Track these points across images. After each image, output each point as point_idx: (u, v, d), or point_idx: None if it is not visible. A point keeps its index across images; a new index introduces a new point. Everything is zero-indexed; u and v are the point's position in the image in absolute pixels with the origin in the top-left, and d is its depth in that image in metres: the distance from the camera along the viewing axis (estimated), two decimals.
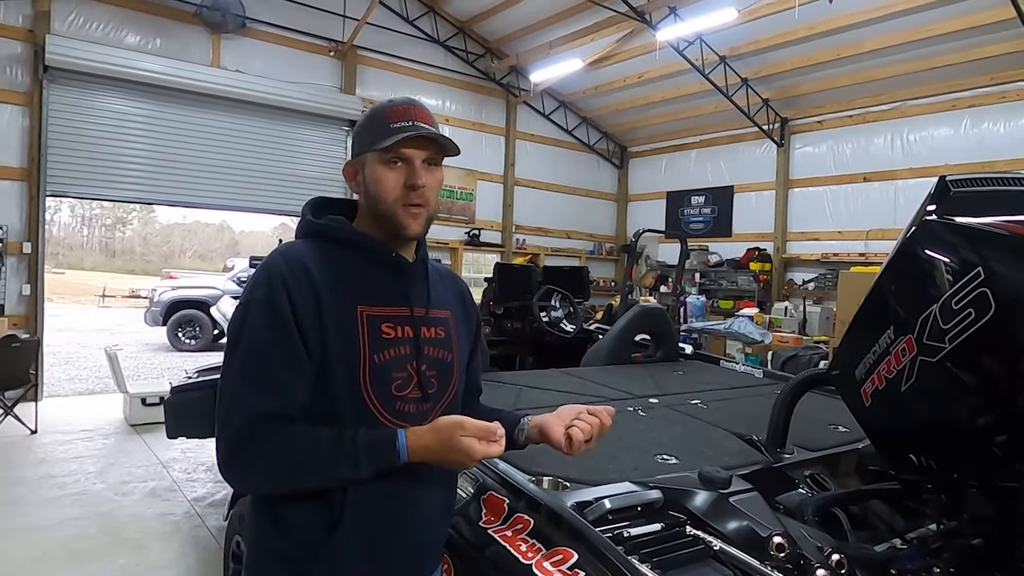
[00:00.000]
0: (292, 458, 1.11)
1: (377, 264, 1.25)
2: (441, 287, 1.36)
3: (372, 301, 1.20)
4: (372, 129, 1.23)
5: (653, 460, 1.95)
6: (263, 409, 1.10)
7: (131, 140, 7.50)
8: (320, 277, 1.17)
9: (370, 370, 1.16)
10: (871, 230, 8.38)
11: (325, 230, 1.26)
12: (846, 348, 1.58)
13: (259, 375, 1.12)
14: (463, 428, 1.11)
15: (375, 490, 1.15)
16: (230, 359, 1.15)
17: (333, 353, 1.14)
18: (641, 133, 11.60)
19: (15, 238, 6.85)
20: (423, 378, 1.23)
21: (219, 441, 1.12)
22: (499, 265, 5.42)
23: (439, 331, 1.29)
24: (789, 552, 1.34)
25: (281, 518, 1.18)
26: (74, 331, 13.75)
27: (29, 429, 5.61)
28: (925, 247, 1.33)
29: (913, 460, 1.48)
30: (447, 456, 1.12)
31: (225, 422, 1.11)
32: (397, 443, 1.12)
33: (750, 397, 3.00)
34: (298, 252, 1.21)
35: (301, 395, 1.13)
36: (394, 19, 9.37)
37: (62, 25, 7.10)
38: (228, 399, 1.12)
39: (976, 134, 7.58)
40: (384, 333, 1.19)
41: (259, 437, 1.09)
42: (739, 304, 9.57)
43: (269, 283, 1.15)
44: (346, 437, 1.11)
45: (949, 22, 6.79)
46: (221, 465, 1.13)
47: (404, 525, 1.22)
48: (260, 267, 1.19)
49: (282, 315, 1.13)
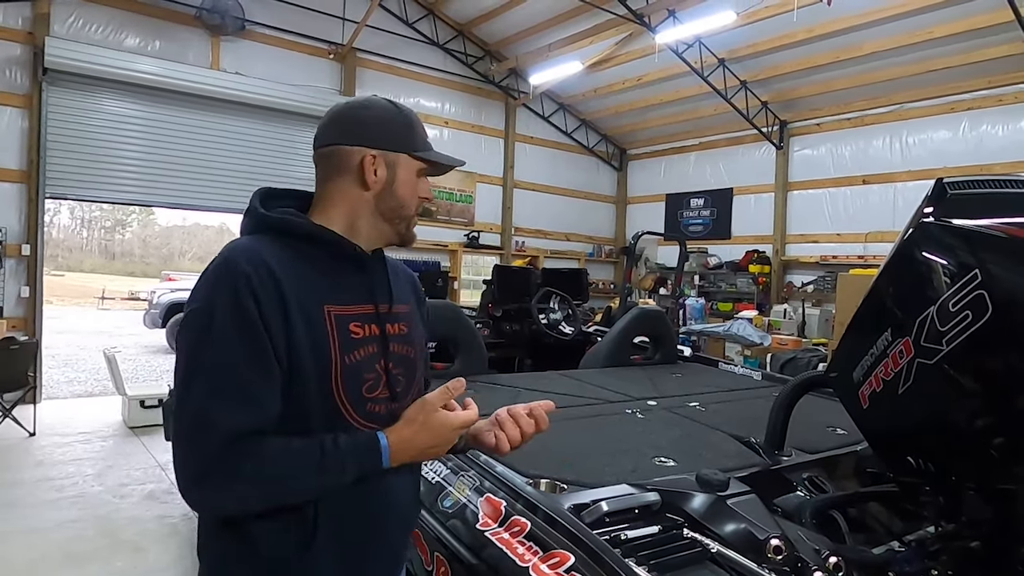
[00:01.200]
0: (275, 473, 1.03)
1: (338, 260, 1.18)
2: (397, 280, 1.31)
3: (338, 299, 1.14)
4: (408, 132, 1.22)
5: (651, 462, 1.94)
6: (240, 425, 1.01)
7: (130, 142, 7.50)
8: (284, 276, 1.08)
9: (342, 372, 1.11)
10: (870, 232, 8.39)
11: (284, 224, 1.17)
12: (844, 350, 1.58)
13: (232, 388, 1.02)
14: (429, 404, 1.11)
15: (348, 497, 1.11)
16: (193, 368, 1.04)
17: (304, 357, 1.07)
18: (640, 135, 11.61)
19: (14, 240, 6.85)
20: (391, 377, 1.19)
21: (186, 462, 1.02)
22: (498, 267, 5.43)
23: (402, 327, 1.25)
24: (787, 555, 1.34)
25: (246, 538, 1.10)
26: (73, 333, 13.74)
27: (27, 431, 5.60)
28: (922, 249, 1.33)
29: (911, 462, 1.48)
30: (428, 441, 1.11)
31: (194, 442, 1.01)
32: (379, 445, 1.09)
33: (748, 399, 3.00)
34: (258, 249, 1.11)
35: (274, 406, 1.06)
36: (393, 22, 9.38)
37: (61, 27, 7.11)
38: (197, 415, 1.01)
39: (974, 137, 7.59)
40: (353, 333, 1.14)
41: (236, 455, 1.00)
42: (738, 306, 9.58)
43: (232, 286, 1.05)
44: (327, 445, 1.05)
45: (947, 25, 6.80)
46: (189, 486, 1.02)
47: (379, 530, 1.19)
48: (218, 267, 1.08)
49: (250, 321, 1.03)
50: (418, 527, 1.64)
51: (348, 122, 1.21)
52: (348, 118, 1.21)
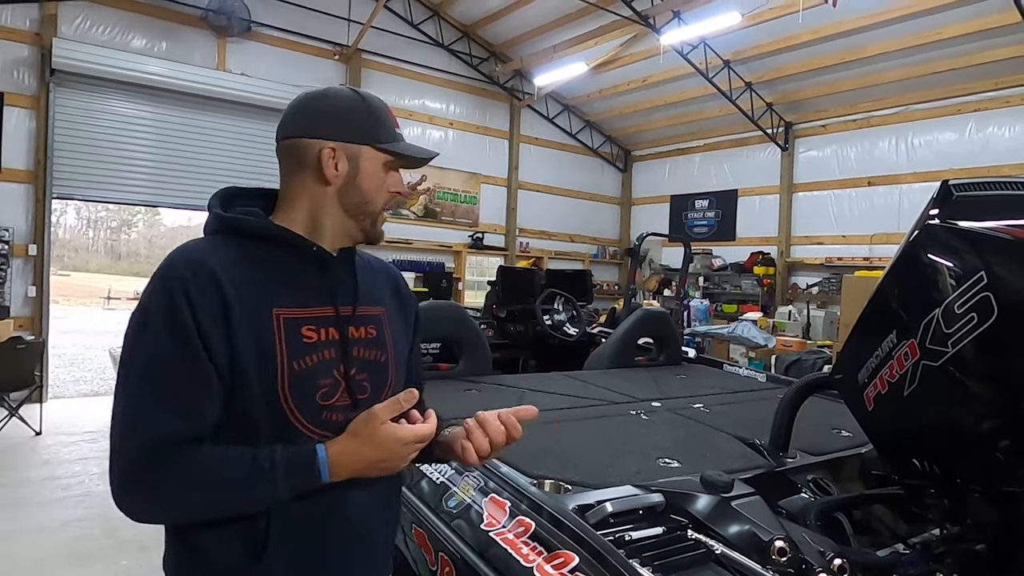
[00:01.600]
0: (200, 485, 0.99)
1: (296, 261, 1.12)
2: (372, 281, 1.24)
3: (290, 302, 1.08)
4: (373, 122, 1.15)
5: (655, 463, 1.94)
6: (165, 432, 0.98)
7: (136, 143, 7.54)
8: (228, 279, 1.04)
9: (289, 379, 1.05)
10: (875, 234, 8.37)
11: (236, 224, 1.12)
12: (849, 352, 1.58)
13: (159, 394, 0.99)
14: (377, 416, 1.03)
15: (301, 508, 1.05)
16: (124, 376, 1.01)
17: (246, 363, 1.03)
18: (645, 137, 11.60)
19: (21, 240, 6.89)
20: (352, 383, 1.12)
21: (112, 468, 1.00)
22: (502, 268, 5.43)
23: (370, 330, 1.18)
24: (791, 556, 1.33)
25: (196, 548, 1.07)
26: (79, 333, 13.80)
27: (34, 430, 5.63)
28: (928, 251, 1.33)
29: (916, 465, 1.48)
30: (375, 455, 1.04)
31: (120, 447, 0.99)
32: (317, 459, 1.02)
33: (753, 401, 2.99)
34: (201, 252, 1.07)
35: (209, 413, 1.01)
36: (398, 23, 9.40)
37: (69, 29, 7.15)
38: (124, 421, 1.00)
39: (981, 138, 7.57)
40: (305, 337, 1.08)
41: (162, 463, 0.97)
42: (743, 308, 9.56)
43: (168, 290, 1.02)
44: (261, 457, 1.00)
45: (953, 26, 6.79)
46: (116, 495, 1.00)
47: (337, 540, 1.12)
48: (158, 271, 1.05)
49: (183, 327, 1.00)
50: (423, 527, 1.65)
51: (307, 113, 1.16)
52: (307, 109, 1.16)
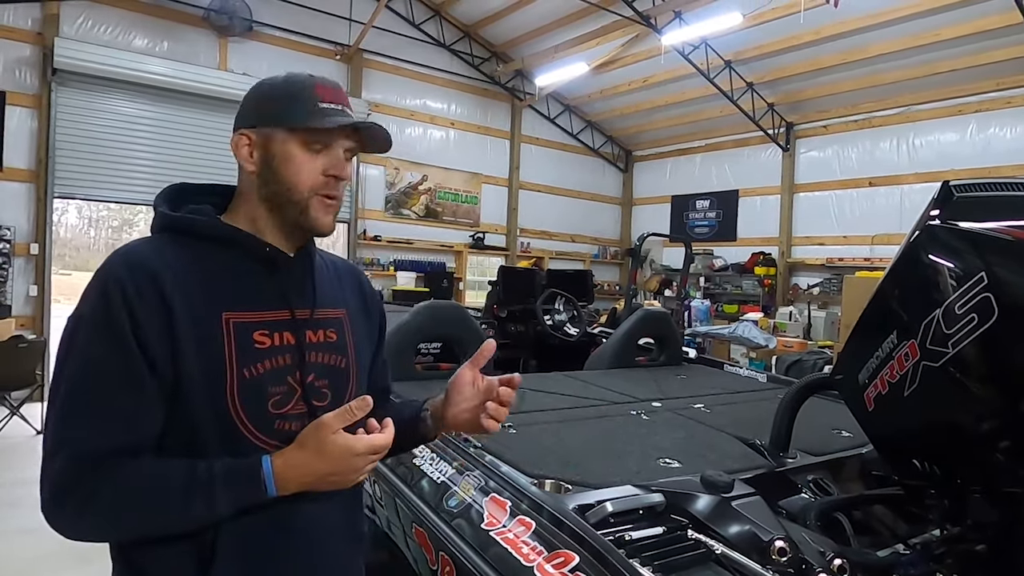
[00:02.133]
0: (132, 501, 0.92)
1: (249, 261, 1.05)
2: (333, 282, 1.18)
3: (242, 306, 1.02)
4: (291, 102, 1.04)
5: (655, 463, 1.95)
6: (94, 446, 0.91)
7: (138, 142, 7.55)
8: (172, 281, 0.97)
9: (239, 387, 0.98)
10: (876, 235, 8.36)
11: (183, 224, 1.05)
12: (849, 353, 1.58)
13: (89, 406, 0.93)
14: (327, 426, 0.95)
15: (252, 525, 0.98)
16: (58, 384, 0.95)
17: (190, 371, 0.96)
18: (646, 137, 11.60)
19: (23, 239, 6.90)
20: (309, 390, 1.05)
21: (42, 485, 0.93)
22: (503, 268, 5.44)
23: (329, 334, 1.11)
24: (791, 556, 1.34)
25: (140, 567, 1.00)
26: None
27: (34, 429, 5.63)
28: (928, 252, 1.33)
29: (916, 465, 1.48)
30: (325, 467, 0.96)
31: (48, 463, 0.92)
32: (261, 472, 0.94)
33: (754, 401, 2.99)
34: (143, 253, 1.01)
35: (147, 424, 0.95)
36: (400, 23, 9.41)
37: (71, 28, 7.16)
38: (54, 433, 0.93)
39: (982, 139, 7.56)
40: (257, 343, 1.01)
41: (90, 479, 0.91)
42: (743, 308, 9.56)
43: (104, 294, 0.95)
44: (200, 470, 0.93)
45: (955, 27, 6.78)
46: (45, 512, 0.93)
47: (292, 558, 1.04)
48: (96, 274, 0.99)
49: (118, 332, 0.93)
50: (423, 526, 1.65)
51: (240, 107, 1.09)
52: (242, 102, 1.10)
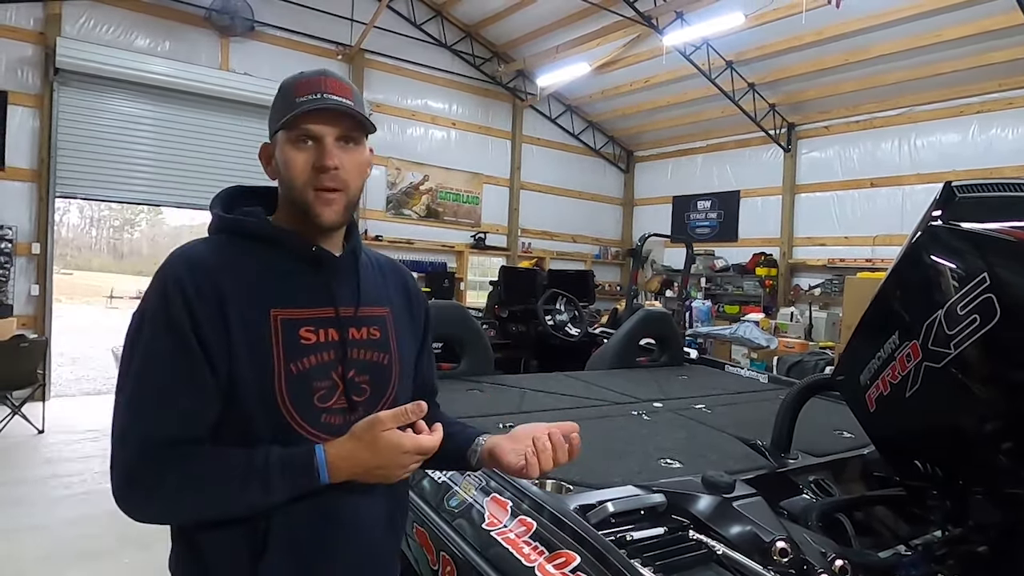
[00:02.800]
0: (195, 486, 0.98)
1: (297, 261, 1.10)
2: (378, 281, 1.22)
3: (289, 303, 1.07)
4: (279, 106, 1.10)
5: (657, 464, 1.95)
6: (159, 436, 0.98)
7: (140, 142, 7.56)
8: (226, 280, 1.03)
9: (286, 381, 1.03)
10: (878, 236, 8.36)
11: (235, 225, 1.12)
12: (851, 353, 1.58)
13: (153, 398, 0.99)
14: (381, 422, 1.00)
15: (303, 511, 1.03)
16: (124, 378, 1.02)
17: (242, 365, 1.01)
18: (647, 137, 11.60)
19: (24, 239, 6.91)
20: (350, 385, 1.09)
21: (112, 471, 1.00)
22: (504, 268, 5.44)
23: (373, 331, 1.15)
24: (792, 557, 1.34)
25: (200, 549, 1.06)
26: (82, 332, 13.83)
27: (36, 429, 5.64)
28: (930, 252, 1.33)
29: (918, 466, 1.48)
30: (374, 460, 1.01)
31: (118, 450, 0.99)
32: (315, 460, 1.00)
33: (755, 402, 2.99)
34: (200, 253, 1.08)
35: (204, 416, 1.01)
36: (401, 23, 9.41)
37: (73, 28, 7.17)
38: (122, 423, 1.00)
39: (984, 140, 7.55)
40: (303, 339, 1.06)
41: (157, 465, 0.97)
42: (745, 309, 9.55)
43: (164, 291, 1.01)
44: (257, 458, 0.98)
45: (957, 27, 6.77)
46: (116, 497, 1.00)
47: (339, 548, 1.09)
48: (157, 272, 1.05)
49: (179, 327, 0.99)
50: (424, 526, 1.65)
51: None
52: None
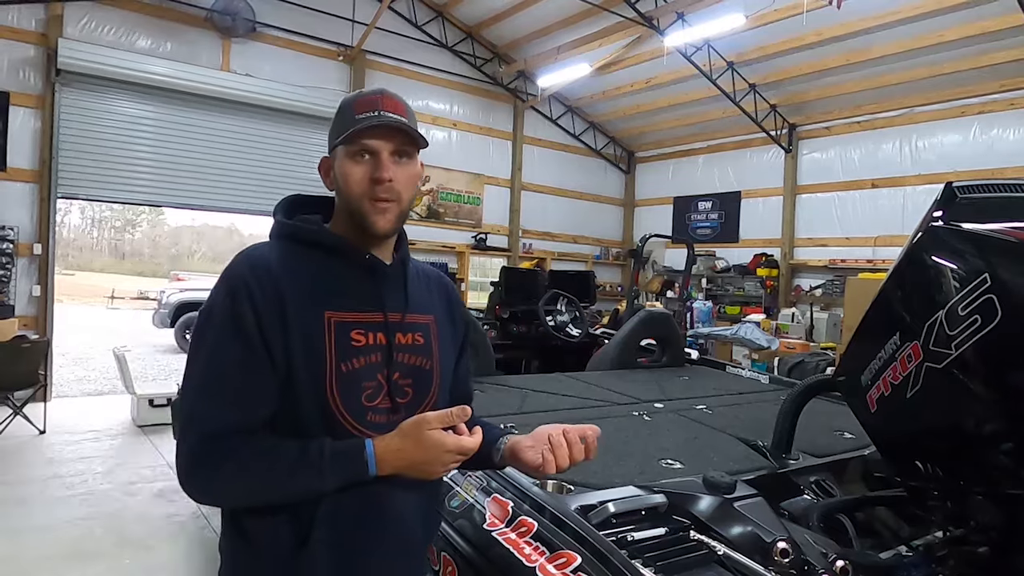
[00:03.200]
0: (253, 472, 1.06)
1: (350, 267, 1.18)
2: (423, 289, 1.29)
3: (342, 306, 1.14)
4: (338, 122, 1.18)
5: (658, 464, 1.95)
6: (223, 423, 1.05)
7: (141, 143, 7.57)
8: (286, 282, 1.11)
9: (337, 379, 1.10)
10: (879, 236, 8.35)
11: (295, 231, 1.20)
12: (852, 354, 1.58)
13: (219, 387, 1.06)
14: (427, 422, 1.07)
15: (347, 501, 1.10)
16: (191, 369, 1.10)
17: (298, 362, 1.09)
18: (648, 138, 11.60)
19: (26, 239, 6.92)
20: (394, 387, 1.16)
21: (178, 455, 1.07)
22: (505, 269, 5.44)
23: (417, 337, 1.22)
24: (793, 558, 1.34)
25: (248, 532, 1.13)
26: (83, 332, 13.84)
27: (37, 429, 5.65)
28: (932, 253, 1.33)
29: (919, 467, 1.48)
30: (418, 456, 1.07)
31: (184, 436, 1.06)
32: (365, 453, 1.07)
33: (756, 403, 2.99)
34: (264, 255, 1.15)
35: (264, 407, 1.08)
36: (402, 24, 9.42)
37: (74, 29, 7.18)
38: (187, 412, 1.07)
39: (985, 141, 7.55)
40: (354, 341, 1.13)
41: (218, 452, 1.05)
42: (746, 310, 9.55)
43: (231, 289, 1.09)
44: (312, 448, 1.06)
45: (958, 28, 6.77)
46: (181, 479, 1.08)
47: (379, 538, 1.16)
48: (224, 272, 1.13)
49: (244, 323, 1.07)
50: None
51: None
52: None
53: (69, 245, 38.29)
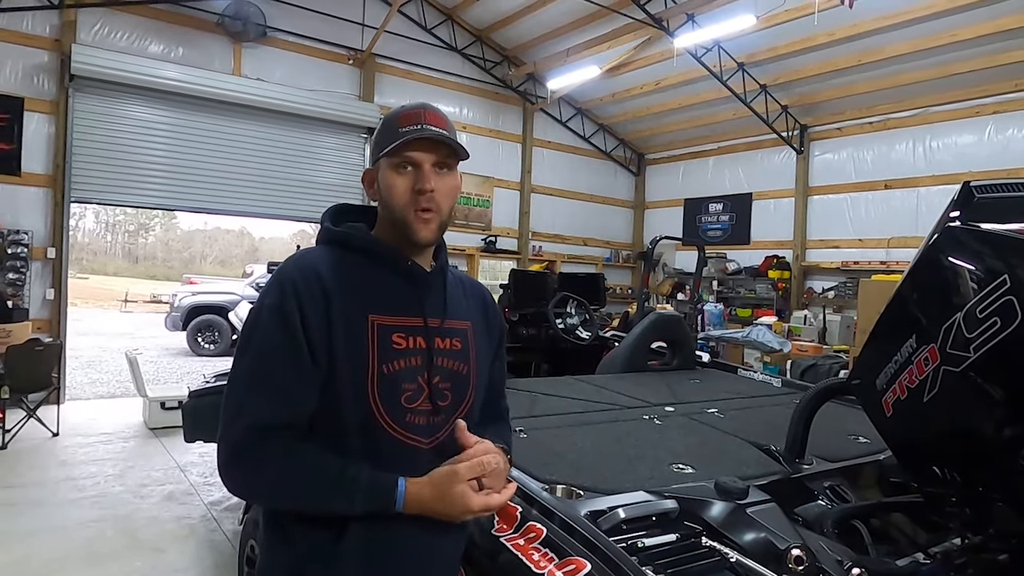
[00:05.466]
0: (290, 481, 1.10)
1: (393, 273, 1.22)
2: (461, 296, 1.33)
3: (384, 310, 1.18)
4: (383, 135, 1.22)
5: (668, 469, 1.92)
6: (267, 418, 1.09)
7: (153, 147, 7.63)
8: (332, 284, 1.15)
9: (378, 380, 1.14)
10: (892, 238, 8.27)
11: (342, 237, 1.25)
12: (867, 357, 1.55)
13: (265, 382, 1.11)
14: (458, 476, 1.10)
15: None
16: (239, 363, 1.14)
17: (341, 362, 1.12)
18: (658, 140, 11.56)
19: (40, 244, 6.99)
20: (435, 390, 1.20)
21: (220, 444, 1.11)
22: (514, 271, 5.44)
23: (455, 342, 1.25)
24: (808, 565, 1.31)
25: (285, 528, 1.17)
26: (96, 335, 13.97)
27: (51, 432, 5.69)
28: (949, 254, 1.30)
29: (936, 472, 1.45)
30: (441, 508, 1.11)
31: (228, 427, 1.10)
32: (396, 491, 1.10)
33: (768, 406, 2.96)
34: (312, 259, 1.20)
35: (307, 404, 1.12)
36: (412, 27, 9.44)
37: (87, 35, 7.25)
38: (233, 404, 1.11)
39: (1000, 141, 7.45)
40: (395, 343, 1.17)
41: (261, 449, 1.08)
42: (757, 312, 9.47)
43: (281, 289, 1.14)
44: (348, 473, 1.09)
45: (972, 27, 6.69)
46: (220, 469, 1.12)
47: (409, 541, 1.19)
48: (274, 273, 1.18)
49: (291, 322, 1.11)
50: None
51: None
52: None
53: (83, 249, 38.70)
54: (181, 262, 41.42)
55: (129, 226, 44.15)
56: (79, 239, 37.58)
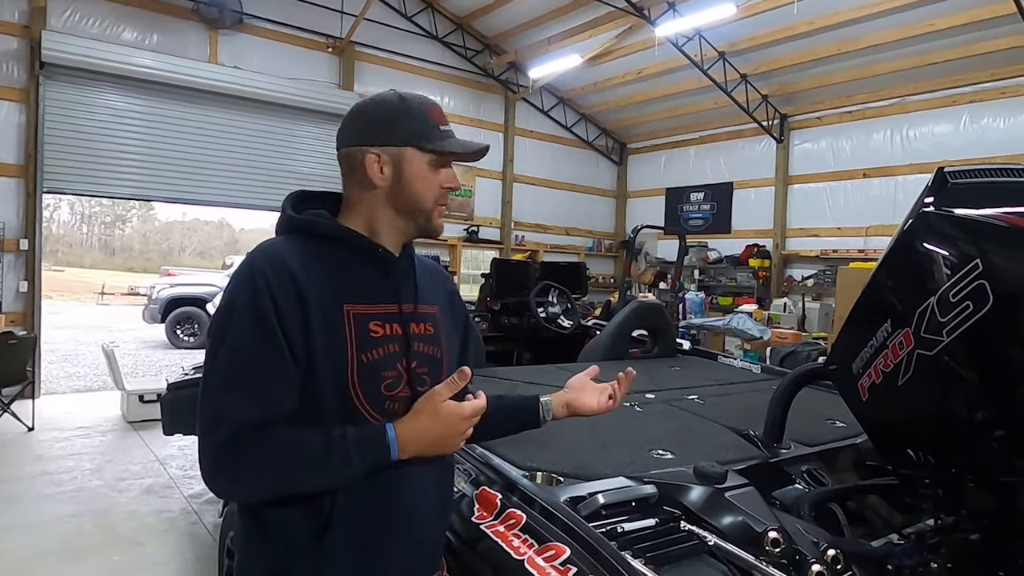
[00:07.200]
0: (281, 463, 1.07)
1: (362, 260, 1.20)
2: (428, 281, 1.32)
3: (358, 299, 1.17)
4: (413, 123, 1.19)
5: (648, 455, 1.94)
6: (249, 417, 1.05)
7: (128, 136, 7.47)
8: (304, 276, 1.12)
9: (358, 370, 1.13)
10: (870, 226, 8.37)
11: (308, 226, 1.21)
12: (843, 342, 1.57)
13: (243, 381, 1.07)
14: (437, 394, 1.13)
15: (365, 493, 1.13)
16: (212, 363, 1.09)
17: (319, 354, 1.10)
18: (640, 129, 11.58)
19: (12, 235, 6.83)
20: (413, 375, 1.19)
21: (203, 450, 1.07)
22: (496, 261, 5.43)
23: (428, 327, 1.25)
24: (784, 547, 1.33)
25: (266, 523, 1.15)
26: (73, 328, 13.74)
27: (26, 426, 5.59)
28: (923, 239, 1.32)
29: (911, 455, 1.47)
30: (437, 429, 1.13)
31: (209, 431, 1.06)
32: (387, 437, 1.10)
33: (748, 392, 2.99)
34: (280, 250, 1.15)
35: (288, 400, 1.09)
36: (392, 15, 9.34)
37: (58, 21, 7.07)
38: (211, 406, 1.07)
39: (976, 130, 7.56)
40: (372, 332, 1.16)
41: (245, 446, 1.05)
42: (738, 300, 9.55)
43: (252, 284, 1.09)
44: (335, 435, 1.08)
45: (949, 17, 6.77)
46: (205, 475, 1.08)
47: (396, 529, 1.18)
48: (241, 267, 1.14)
49: (266, 317, 1.08)
50: None
51: (355, 122, 1.23)
52: (354, 117, 1.23)
53: (59, 241, 38.01)
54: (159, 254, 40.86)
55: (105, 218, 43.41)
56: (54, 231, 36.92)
